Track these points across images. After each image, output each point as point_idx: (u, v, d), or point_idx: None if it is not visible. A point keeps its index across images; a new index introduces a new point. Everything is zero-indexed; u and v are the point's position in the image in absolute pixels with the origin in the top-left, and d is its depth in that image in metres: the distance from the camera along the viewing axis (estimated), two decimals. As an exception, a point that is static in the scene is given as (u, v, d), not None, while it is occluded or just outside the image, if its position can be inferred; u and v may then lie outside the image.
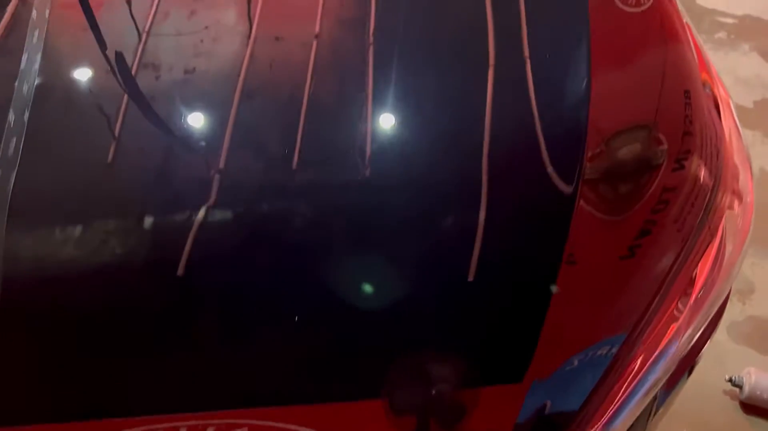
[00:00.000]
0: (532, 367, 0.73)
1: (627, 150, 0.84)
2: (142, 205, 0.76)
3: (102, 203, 0.77)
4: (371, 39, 0.89)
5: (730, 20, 2.51)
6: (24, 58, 0.84)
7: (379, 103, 0.83)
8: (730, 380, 1.63)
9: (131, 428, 0.70)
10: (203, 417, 0.70)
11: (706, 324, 0.85)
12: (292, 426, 0.71)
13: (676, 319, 0.80)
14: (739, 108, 2.08)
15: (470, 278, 0.73)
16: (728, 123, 0.94)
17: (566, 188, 0.79)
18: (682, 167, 0.82)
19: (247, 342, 0.72)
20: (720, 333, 1.58)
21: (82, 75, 0.87)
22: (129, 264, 0.74)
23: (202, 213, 0.74)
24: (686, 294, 0.81)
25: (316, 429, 0.71)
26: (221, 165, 0.77)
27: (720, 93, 0.97)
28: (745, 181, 0.91)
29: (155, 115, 0.83)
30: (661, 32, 0.94)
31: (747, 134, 2.02)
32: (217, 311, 0.73)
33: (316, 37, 0.90)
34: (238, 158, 0.79)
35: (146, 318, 0.73)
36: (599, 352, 0.76)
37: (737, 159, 0.91)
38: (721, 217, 0.85)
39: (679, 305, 0.80)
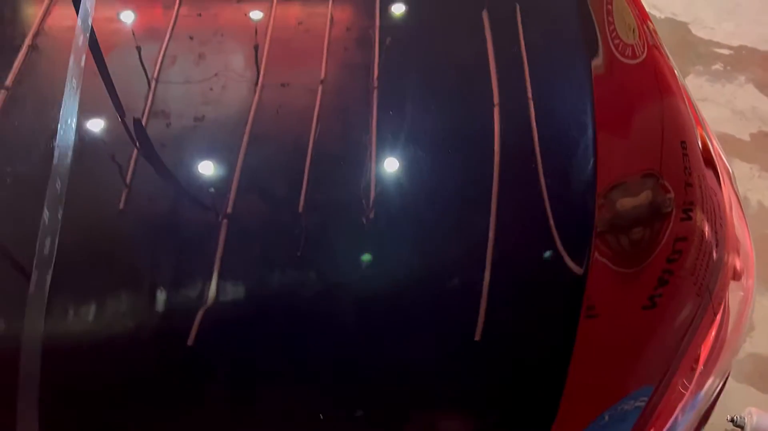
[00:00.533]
0: (556, 426, 0.71)
1: (638, 199, 0.84)
2: (152, 276, 0.75)
3: (112, 275, 0.76)
4: (375, 83, 0.91)
5: (725, 51, 2.54)
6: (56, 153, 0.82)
7: (383, 147, 0.84)
8: (732, 420, 1.61)
9: None
10: None
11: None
12: None
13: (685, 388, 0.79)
14: (735, 141, 2.11)
15: (476, 338, 0.72)
16: (727, 192, 0.94)
17: (579, 243, 0.78)
18: (689, 218, 0.82)
19: (256, 408, 0.71)
20: (720, 370, 1.57)
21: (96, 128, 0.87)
22: (139, 338, 0.73)
23: (212, 285, 0.74)
24: (692, 369, 0.80)
25: None
26: (229, 210, 0.78)
27: (715, 149, 0.98)
28: (746, 255, 0.90)
29: (165, 166, 0.83)
30: (657, 84, 0.96)
31: (744, 168, 2.04)
32: (226, 378, 0.72)
33: (322, 82, 0.91)
34: (246, 204, 0.80)
35: (156, 389, 0.72)
36: (627, 406, 0.74)
37: (738, 228, 0.91)
38: (725, 289, 0.84)
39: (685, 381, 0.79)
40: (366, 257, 0.77)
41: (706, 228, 0.83)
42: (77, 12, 0.93)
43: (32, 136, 0.83)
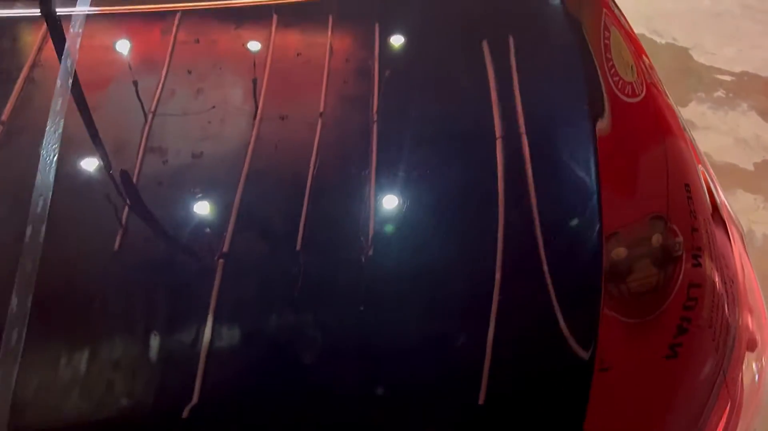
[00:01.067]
0: None
1: (648, 243, 0.81)
2: (145, 321, 0.73)
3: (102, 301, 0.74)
4: (375, 116, 0.89)
5: (728, 77, 2.53)
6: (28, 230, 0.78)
7: (382, 183, 0.82)
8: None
9: None
10: None
11: None
12: None
13: None
14: (739, 170, 2.08)
15: (480, 401, 0.68)
16: (738, 252, 0.90)
17: (587, 300, 0.75)
18: (700, 264, 0.79)
19: None
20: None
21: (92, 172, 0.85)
22: (141, 405, 0.69)
23: (207, 330, 0.71)
24: None
25: None
26: (225, 249, 0.76)
27: (722, 202, 0.94)
28: (760, 322, 0.86)
29: (160, 205, 0.81)
30: (658, 123, 0.93)
31: (748, 198, 2.02)
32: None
33: (321, 115, 0.90)
34: (243, 243, 0.78)
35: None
36: None
37: (750, 294, 0.86)
38: (740, 363, 0.80)
39: None
40: (363, 298, 0.74)
41: (717, 278, 0.80)
42: (59, 58, 0.91)
43: (18, 177, 0.81)
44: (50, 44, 0.94)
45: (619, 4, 1.14)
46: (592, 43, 0.99)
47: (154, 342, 0.70)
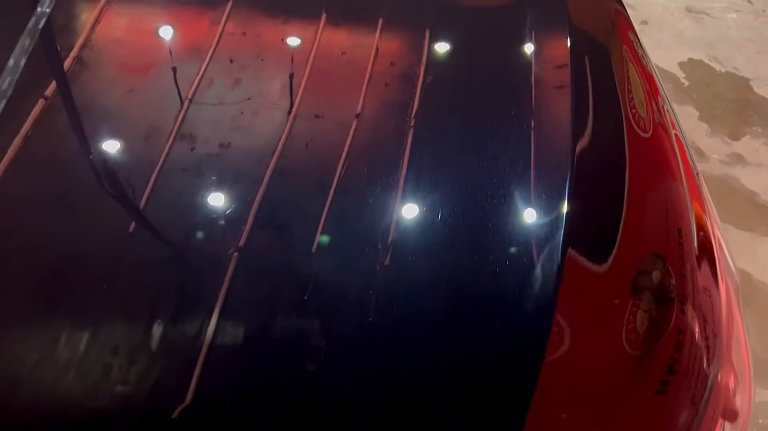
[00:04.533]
0: None
1: (653, 277, 0.82)
2: (153, 307, 0.73)
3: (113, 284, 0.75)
4: (412, 122, 0.88)
5: (787, 112, 2.45)
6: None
7: (408, 192, 0.82)
8: None
9: None
10: None
11: None
12: None
13: None
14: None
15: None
16: (731, 308, 0.91)
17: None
18: (683, 312, 0.80)
19: None
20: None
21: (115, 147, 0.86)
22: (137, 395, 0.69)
23: (212, 324, 0.71)
24: None
25: None
26: (241, 243, 0.76)
27: (729, 269, 0.96)
28: (743, 395, 0.87)
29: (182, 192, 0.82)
30: (661, 162, 0.94)
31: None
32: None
33: (357, 116, 0.89)
34: (259, 239, 0.77)
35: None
36: None
37: (737, 361, 0.87)
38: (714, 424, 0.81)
39: None
40: (373, 303, 0.73)
41: (697, 329, 0.81)
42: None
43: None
44: (102, 24, 0.97)
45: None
46: (617, 73, 1.01)
47: (158, 328, 0.70)
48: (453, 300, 0.75)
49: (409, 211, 0.81)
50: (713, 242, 0.95)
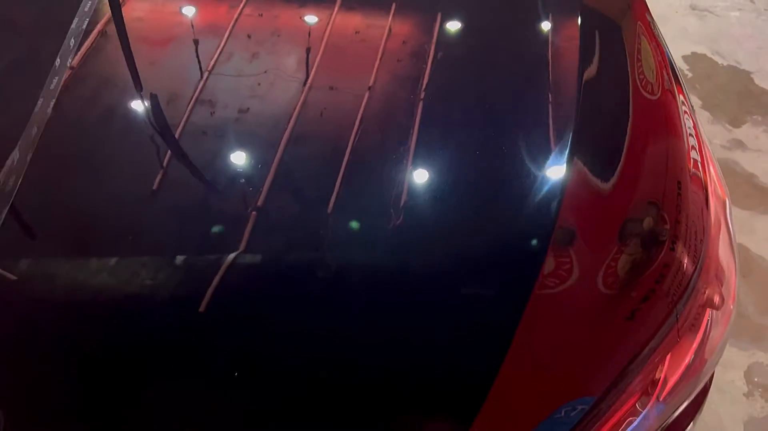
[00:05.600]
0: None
1: (646, 222, 0.88)
2: (176, 239, 0.80)
3: (139, 234, 0.81)
4: (422, 95, 0.94)
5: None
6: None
7: (419, 159, 0.87)
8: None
9: None
10: None
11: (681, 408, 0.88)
12: None
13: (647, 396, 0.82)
14: (785, 192, 2.07)
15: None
16: (719, 221, 0.99)
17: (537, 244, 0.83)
18: (674, 249, 0.87)
19: (260, 390, 0.74)
20: (736, 428, 1.56)
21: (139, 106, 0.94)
22: (154, 298, 0.77)
23: (231, 255, 0.78)
24: (648, 393, 0.82)
25: None
26: (259, 203, 0.82)
27: (717, 192, 1.03)
28: (728, 285, 0.94)
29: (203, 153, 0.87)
30: (666, 123, 1.01)
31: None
32: (231, 350, 0.75)
33: (369, 89, 0.95)
34: (277, 198, 0.83)
35: (162, 350, 0.75)
36: (566, 413, 0.76)
37: (724, 260, 0.95)
38: (705, 313, 0.88)
39: (638, 404, 0.82)
40: (381, 257, 0.80)
41: (685, 260, 0.87)
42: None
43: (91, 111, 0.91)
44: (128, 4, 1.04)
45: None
46: (627, 42, 1.07)
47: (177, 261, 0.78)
48: (458, 241, 0.81)
49: (421, 176, 0.86)
50: (704, 163, 1.02)
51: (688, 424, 0.96)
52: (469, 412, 0.72)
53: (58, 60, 0.94)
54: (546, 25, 1.07)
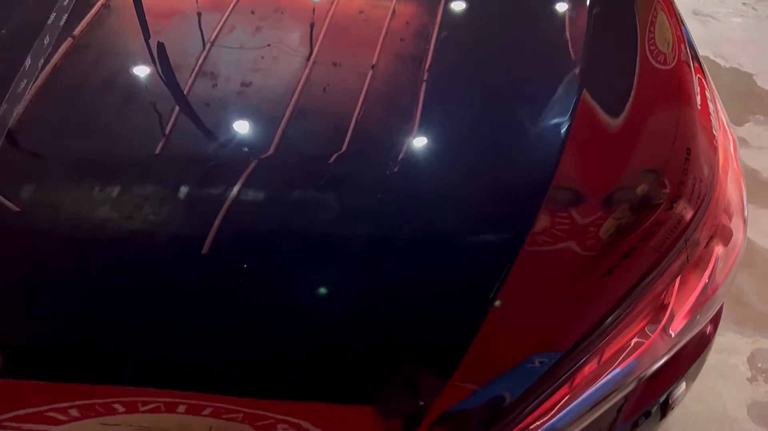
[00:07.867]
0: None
1: (641, 187, 0.91)
2: (178, 178, 0.83)
3: (143, 172, 0.85)
4: (425, 75, 0.95)
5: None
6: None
7: (422, 136, 0.89)
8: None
9: (129, 397, 0.73)
10: (204, 399, 0.73)
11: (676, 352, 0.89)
12: (290, 419, 0.73)
13: (640, 341, 0.83)
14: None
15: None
16: (726, 156, 1.02)
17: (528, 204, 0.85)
18: (672, 208, 0.89)
19: (253, 331, 0.77)
20: (739, 412, 1.56)
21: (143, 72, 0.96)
22: (156, 235, 0.80)
23: (233, 193, 0.81)
24: (656, 320, 0.84)
25: (312, 424, 0.74)
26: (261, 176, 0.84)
27: (720, 118, 1.07)
28: (737, 220, 0.98)
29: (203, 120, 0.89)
30: (678, 92, 1.03)
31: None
32: (231, 293, 0.77)
33: (373, 67, 0.96)
34: (279, 162, 0.86)
35: (163, 289, 0.78)
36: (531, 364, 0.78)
37: (732, 196, 0.97)
38: (711, 256, 0.91)
39: (647, 329, 0.84)
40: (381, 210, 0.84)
41: (685, 214, 0.90)
42: None
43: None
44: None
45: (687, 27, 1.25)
46: (640, 16, 1.10)
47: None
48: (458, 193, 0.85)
49: (425, 154, 0.88)
50: (712, 108, 1.05)
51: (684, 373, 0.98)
52: (456, 355, 0.75)
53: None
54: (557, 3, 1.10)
